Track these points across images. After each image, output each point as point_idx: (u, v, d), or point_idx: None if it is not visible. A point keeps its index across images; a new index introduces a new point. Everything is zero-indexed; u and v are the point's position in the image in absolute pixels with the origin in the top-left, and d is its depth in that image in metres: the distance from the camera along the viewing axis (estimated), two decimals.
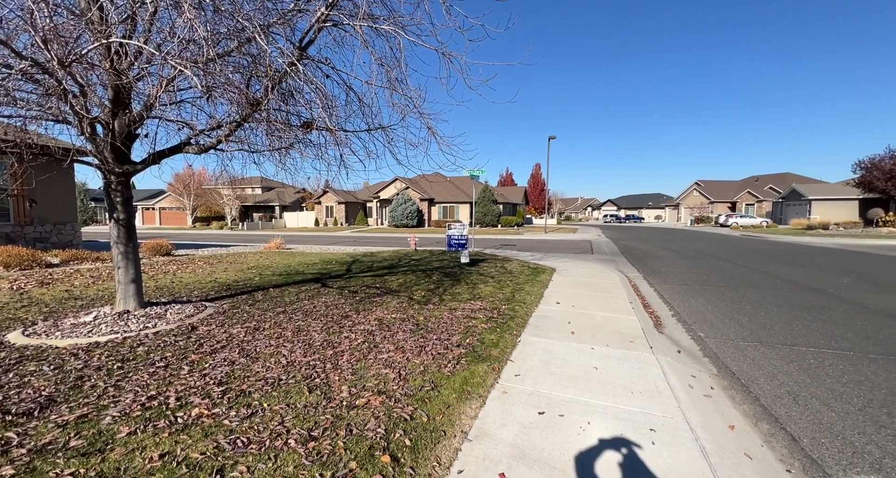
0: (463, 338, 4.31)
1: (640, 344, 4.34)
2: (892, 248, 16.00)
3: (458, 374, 3.35)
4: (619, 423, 2.69)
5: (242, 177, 5.99)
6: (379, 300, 6.08)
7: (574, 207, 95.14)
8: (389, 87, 4.89)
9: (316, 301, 5.96)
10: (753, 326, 5.28)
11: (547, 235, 26.11)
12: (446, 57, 4.54)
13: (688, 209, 56.18)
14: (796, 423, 2.88)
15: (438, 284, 7.56)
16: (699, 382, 3.56)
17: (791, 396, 3.30)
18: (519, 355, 3.96)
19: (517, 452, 2.34)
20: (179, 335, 4.20)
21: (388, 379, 3.19)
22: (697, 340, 4.82)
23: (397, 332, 4.47)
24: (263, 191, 49.63)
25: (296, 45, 3.76)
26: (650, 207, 74.88)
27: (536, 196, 63.81)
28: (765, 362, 4.06)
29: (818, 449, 2.56)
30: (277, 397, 2.83)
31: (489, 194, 36.84)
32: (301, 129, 4.60)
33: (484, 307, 5.74)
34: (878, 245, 17.34)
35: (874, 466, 2.37)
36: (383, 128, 5.58)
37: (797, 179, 45.51)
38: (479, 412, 2.78)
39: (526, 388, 3.23)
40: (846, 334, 4.86)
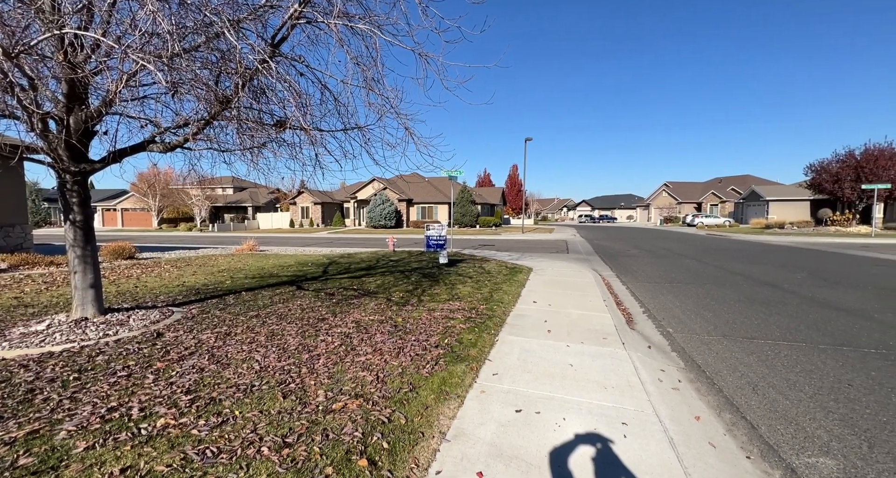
0: (441, 338, 4.31)
1: (613, 341, 4.47)
2: (839, 245, 17.22)
3: (437, 375, 3.35)
4: (593, 418, 2.77)
5: (212, 177, 5.76)
6: (356, 302, 6.00)
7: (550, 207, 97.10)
8: (366, 86, 4.83)
9: (291, 304, 5.81)
10: (717, 321, 5.56)
11: (524, 236, 26.52)
12: (423, 57, 4.54)
13: (657, 209, 58.46)
14: (755, 411, 3.05)
15: (417, 284, 7.53)
16: (668, 375, 3.71)
17: (751, 386, 3.49)
18: (497, 355, 4.00)
19: (495, 450, 2.37)
20: (144, 342, 4.00)
21: (365, 382, 3.15)
22: (666, 336, 5.02)
23: (375, 334, 4.42)
24: (235, 191, 47.96)
25: (268, 41, 3.65)
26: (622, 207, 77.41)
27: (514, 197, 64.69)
28: (727, 354, 4.28)
29: (774, 435, 2.72)
30: (250, 404, 2.74)
31: (467, 195, 37.04)
32: (274, 128, 4.48)
33: (462, 307, 5.76)
34: (827, 242, 18.63)
35: (823, 449, 2.55)
36: (360, 128, 5.51)
37: (756, 181, 48.20)
38: (457, 412, 2.79)
39: (503, 386, 3.27)
40: (799, 327, 5.19)
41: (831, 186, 29.09)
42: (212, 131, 4.31)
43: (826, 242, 18.70)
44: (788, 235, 23.77)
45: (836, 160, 29.34)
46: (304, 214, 42.60)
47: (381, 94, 4.99)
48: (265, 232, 35.25)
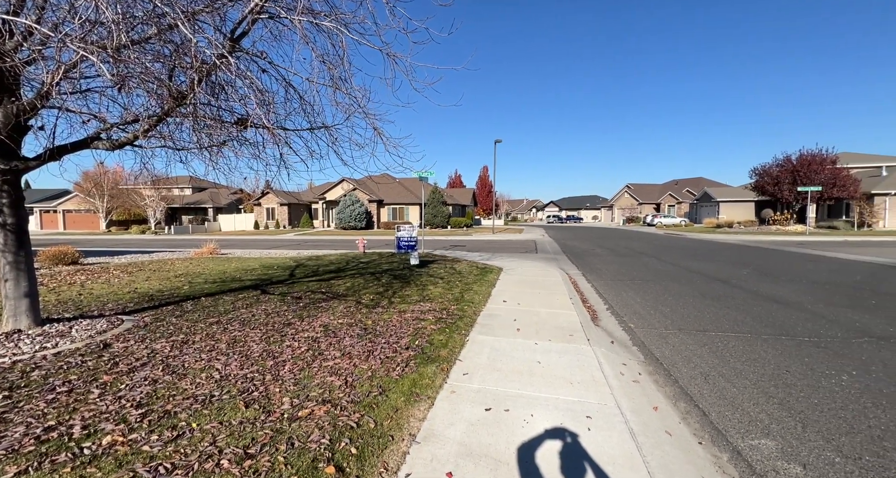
0: (412, 340, 4.29)
1: (579, 337, 4.63)
2: (779, 243, 18.75)
3: (407, 377, 3.34)
4: (559, 413, 2.85)
5: (167, 176, 5.44)
6: (325, 305, 5.85)
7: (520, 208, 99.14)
8: (332, 85, 4.74)
9: (255, 309, 5.58)
10: (674, 316, 5.89)
11: (495, 236, 26.91)
12: (391, 58, 4.51)
13: (620, 210, 61.15)
14: (707, 400, 3.26)
15: (388, 286, 7.45)
16: (629, 369, 3.89)
17: (703, 376, 3.73)
18: (467, 354, 4.04)
19: (464, 450, 2.38)
20: (88, 355, 3.70)
21: (333, 387, 3.08)
22: (628, 331, 5.26)
23: (344, 337, 4.33)
24: (194, 191, 45.45)
25: (227, 36, 3.49)
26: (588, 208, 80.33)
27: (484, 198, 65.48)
28: (683, 347, 4.54)
29: (723, 421, 2.92)
30: (209, 416, 2.60)
31: (438, 196, 37.10)
32: (235, 126, 4.29)
33: (433, 308, 5.76)
34: (769, 240, 20.23)
35: (764, 431, 2.76)
36: (327, 127, 5.39)
37: (708, 184, 51.52)
38: (427, 414, 2.79)
39: (474, 386, 3.30)
40: (745, 319, 5.60)
41: (772, 188, 31.59)
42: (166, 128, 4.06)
43: (768, 240, 20.29)
44: (736, 234, 25.59)
45: (775, 164, 31.90)
46: (269, 215, 41.04)
47: (349, 93, 4.91)
48: (227, 234, 33.65)
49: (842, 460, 2.42)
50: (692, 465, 2.40)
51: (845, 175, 28.75)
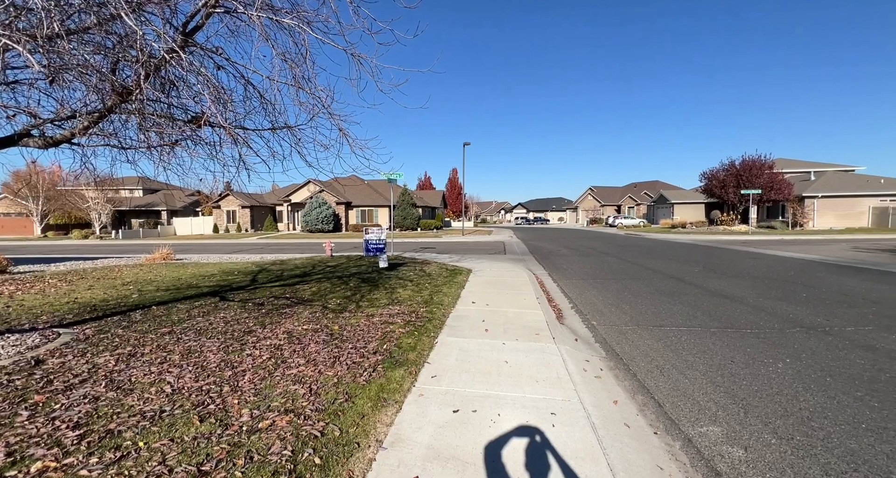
0: (380, 344, 4.24)
1: (545, 336, 4.76)
2: (725, 242, 20.21)
3: (375, 382, 3.29)
4: (525, 411, 2.91)
5: (113, 176, 5.05)
6: (289, 311, 5.65)
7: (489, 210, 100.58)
8: (295, 84, 4.60)
9: (213, 317, 5.30)
10: (633, 312, 6.19)
11: (464, 238, 27.12)
12: (356, 58, 4.45)
13: (584, 212, 63.56)
14: (662, 392, 3.45)
15: (356, 290, 7.32)
16: (591, 365, 4.04)
17: (658, 369, 3.94)
18: (436, 357, 4.04)
19: (432, 453, 2.38)
20: (17, 373, 3.36)
21: (297, 396, 2.98)
22: (591, 328, 5.47)
23: (309, 344, 4.21)
24: (146, 193, 42.54)
25: (178, 29, 3.30)
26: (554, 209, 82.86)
27: (454, 200, 65.88)
28: (641, 342, 4.79)
29: (676, 411, 3.10)
30: (158, 433, 2.43)
31: (408, 198, 36.91)
32: (188, 124, 4.05)
33: (402, 311, 5.72)
34: (717, 239, 21.78)
35: (711, 418, 2.97)
36: (289, 127, 5.23)
37: (664, 186, 54.65)
38: (394, 418, 2.76)
39: (442, 388, 3.30)
40: (696, 314, 5.99)
41: (719, 191, 34.03)
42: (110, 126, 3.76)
43: (716, 239, 21.82)
44: (689, 234, 27.32)
45: (722, 169, 34.41)
46: (230, 218, 39.13)
47: (312, 93, 4.79)
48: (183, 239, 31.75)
49: (777, 441, 2.64)
50: (648, 454, 2.53)
51: (781, 179, 31.53)
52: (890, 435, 2.66)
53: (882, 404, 3.08)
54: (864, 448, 2.53)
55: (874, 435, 2.66)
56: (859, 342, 4.51)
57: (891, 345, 4.39)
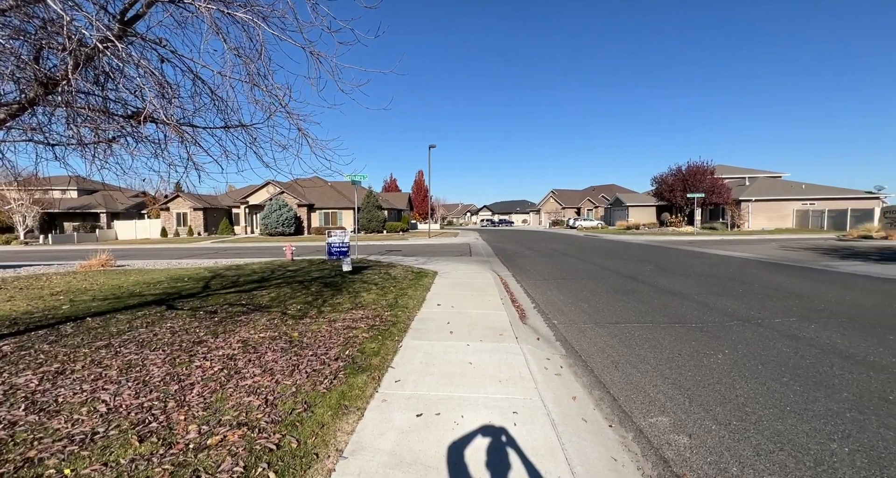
0: (342, 350, 4.13)
1: (508, 336, 4.85)
2: (674, 242, 21.68)
3: (336, 389, 3.20)
4: (488, 411, 2.95)
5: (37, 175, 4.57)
6: (245, 319, 5.37)
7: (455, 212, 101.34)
8: (250, 81, 4.41)
9: (158, 328, 4.92)
10: (591, 311, 6.46)
11: (431, 240, 27.12)
12: (315, 57, 4.33)
13: (546, 214, 65.70)
14: (616, 386, 3.62)
15: (317, 295, 7.09)
16: (552, 363, 4.17)
17: (614, 364, 4.14)
18: (400, 361, 3.99)
19: (394, 459, 2.35)
20: None
21: (251, 408, 2.83)
22: (552, 327, 5.65)
23: (266, 352, 4.02)
24: (81, 194, 38.82)
25: (115, 17, 3.04)
26: (518, 212, 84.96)
27: (420, 202, 65.76)
28: (598, 339, 5.01)
29: (629, 404, 3.27)
30: (89, 458, 2.21)
31: (373, 200, 36.37)
32: (129, 120, 3.75)
33: (366, 316, 5.62)
34: (667, 240, 23.31)
35: (661, 409, 3.16)
36: (244, 126, 5.01)
37: (620, 190, 57.72)
38: (356, 426, 2.69)
39: (406, 392, 3.27)
40: (647, 310, 6.36)
41: (668, 194, 36.47)
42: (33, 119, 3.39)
43: (666, 240, 23.34)
44: (642, 235, 29.01)
45: (670, 174, 36.92)
46: (180, 221, 36.62)
47: (269, 90, 4.61)
48: (126, 243, 29.33)
49: (717, 426, 2.86)
50: (603, 447, 2.65)
51: (721, 184, 34.33)
52: (809, 416, 2.96)
53: (803, 387, 3.43)
54: (788, 429, 2.79)
55: (797, 416, 2.95)
56: (785, 332, 4.99)
57: (810, 334, 4.90)
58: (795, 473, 2.34)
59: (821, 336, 4.80)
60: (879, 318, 5.59)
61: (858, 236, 21.17)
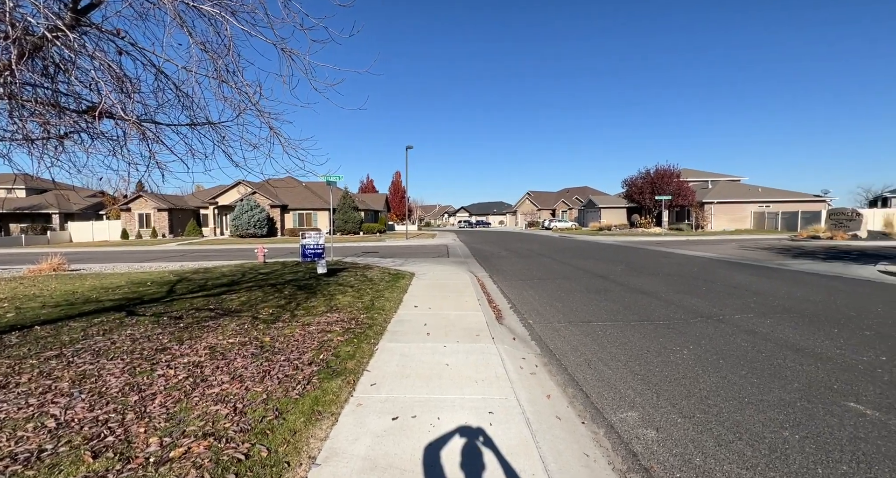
0: (316, 354, 4.03)
1: (485, 336, 4.88)
2: (643, 242, 22.54)
3: (309, 395, 3.12)
4: (464, 412, 2.96)
5: None
6: (213, 324, 5.15)
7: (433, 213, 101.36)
8: (217, 77, 4.26)
9: (117, 335, 4.64)
10: (565, 310, 6.61)
11: (408, 241, 26.98)
12: (287, 54, 4.23)
13: (523, 215, 66.81)
14: (589, 383, 3.72)
15: (291, 298, 6.90)
16: (527, 362, 4.23)
17: (587, 362, 4.25)
18: (376, 364, 3.94)
19: (369, 464, 2.31)
20: None
21: (219, 417, 2.71)
22: (528, 327, 5.73)
23: (235, 358, 3.87)
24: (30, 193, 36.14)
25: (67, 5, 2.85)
26: (495, 213, 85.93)
27: (398, 203, 65.36)
28: (572, 338, 5.12)
29: (601, 400, 3.36)
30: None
31: (350, 201, 35.82)
32: (83, 115, 3.52)
33: (341, 319, 5.52)
34: (637, 240, 24.20)
35: (630, 404, 3.27)
36: (212, 123, 4.82)
37: (593, 192, 59.45)
38: (330, 432, 2.64)
39: (381, 396, 3.23)
40: (619, 309, 6.57)
41: (638, 196, 37.94)
42: None
43: (636, 240, 24.23)
44: (614, 236, 29.99)
45: (640, 177, 38.42)
46: (143, 222, 34.79)
47: (238, 88, 4.46)
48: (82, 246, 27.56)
49: (682, 419, 2.99)
50: (576, 443, 2.71)
51: (686, 187, 36.02)
52: (764, 406, 3.14)
53: (759, 379, 3.64)
54: (746, 419, 2.96)
55: (754, 407, 3.13)
56: (744, 328, 5.28)
57: (766, 329, 5.21)
58: (752, 460, 2.48)
59: (775, 331, 5.11)
60: (825, 312, 6.02)
61: (808, 237, 22.72)
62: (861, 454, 2.50)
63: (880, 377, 3.61)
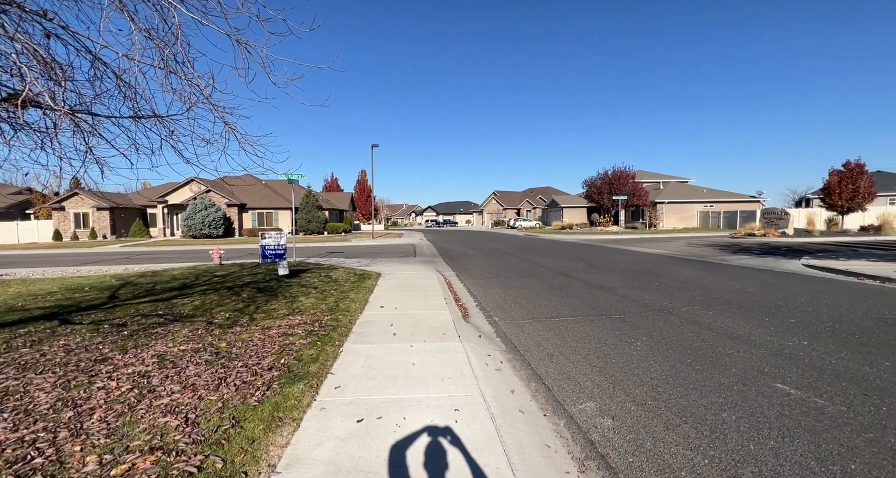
0: (277, 359, 3.89)
1: (451, 335, 4.92)
2: (602, 240, 23.65)
3: (269, 401, 3.00)
4: (430, 411, 2.97)
5: None
6: (162, 331, 4.82)
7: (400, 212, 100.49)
8: (164, 67, 3.99)
9: (48, 346, 4.22)
10: (529, 307, 6.80)
11: (374, 241, 26.58)
12: (242, 46, 4.04)
13: (489, 214, 67.87)
14: (551, 377, 3.86)
15: (250, 301, 6.59)
16: (493, 359, 4.32)
17: (549, 357, 4.40)
18: (340, 366, 3.87)
19: (332, 469, 2.26)
20: None
21: (168, 429, 2.55)
22: (493, 324, 5.84)
23: (187, 366, 3.64)
24: None
25: None
26: (462, 212, 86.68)
27: (364, 202, 64.17)
28: (535, 333, 5.28)
29: (561, 392, 3.50)
30: None
31: (313, 200, 34.70)
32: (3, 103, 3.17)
33: (304, 321, 5.35)
34: (596, 239, 25.35)
35: (589, 395, 3.43)
36: (159, 117, 4.52)
37: (555, 192, 61.50)
38: (291, 438, 2.55)
39: (346, 398, 3.18)
40: (579, 304, 6.86)
41: (597, 196, 39.70)
42: None
43: (595, 239, 25.37)
44: (575, 234, 31.22)
45: (599, 178, 40.22)
46: (80, 222, 31.80)
47: (188, 79, 4.21)
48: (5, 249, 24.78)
49: (636, 407, 3.17)
50: (538, 435, 2.80)
51: (640, 188, 38.17)
52: (707, 391, 3.41)
53: (703, 366, 3.94)
54: (691, 404, 3.19)
55: (698, 392, 3.39)
56: (690, 319, 5.69)
57: (709, 320, 5.65)
58: (695, 441, 2.68)
59: (717, 321, 5.55)
60: (759, 303, 6.62)
61: (745, 234, 24.84)
62: (785, 430, 2.78)
63: (802, 360, 4.03)
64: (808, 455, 2.49)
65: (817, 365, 3.89)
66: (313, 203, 34.50)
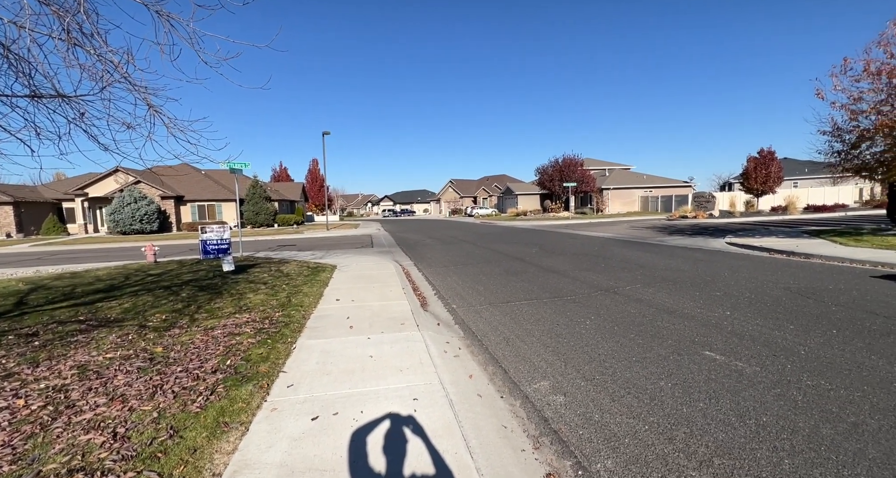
0: (222, 361, 3.63)
1: (410, 324, 4.89)
2: (554, 226, 24.68)
3: (213, 406, 2.80)
4: (389, 402, 2.94)
5: None
6: (83, 338, 4.31)
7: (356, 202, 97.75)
8: (67, 39, 3.48)
9: None
10: (486, 293, 6.94)
11: (329, 232, 25.67)
12: (164, 18, 3.62)
13: (446, 203, 68.08)
14: (508, 360, 3.97)
15: (190, 301, 6.09)
16: (451, 346, 4.36)
17: (505, 340, 4.53)
18: (293, 363, 3.70)
19: (285, 471, 2.17)
20: None
21: (92, 447, 2.29)
22: (451, 312, 5.89)
23: (115, 375, 3.30)
24: None
25: None
26: (419, 201, 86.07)
27: (316, 193, 61.55)
28: (492, 318, 5.41)
29: (517, 374, 3.62)
30: None
31: (260, 191, 32.65)
32: None
33: (253, 319, 5.05)
34: (548, 224, 26.41)
35: (542, 375, 3.58)
36: (64, 96, 3.96)
37: (510, 180, 62.95)
38: (239, 444, 2.41)
39: (300, 397, 3.05)
40: (533, 288, 7.12)
41: (549, 183, 41.23)
42: None
43: (548, 224, 26.42)
44: (529, 221, 32.28)
45: (550, 165, 41.71)
46: None
47: (99, 53, 3.71)
48: None
49: (585, 383, 3.37)
50: (495, 418, 2.88)
51: (588, 175, 40.17)
52: (647, 362, 3.70)
53: (644, 340, 4.27)
54: (634, 376, 3.44)
55: (639, 364, 3.66)
56: (633, 297, 6.13)
57: (649, 297, 6.11)
58: (637, 409, 2.90)
59: (656, 298, 6.02)
60: (691, 279, 7.27)
61: (679, 216, 27.14)
62: (712, 392, 3.09)
63: (726, 328, 4.50)
64: (729, 413, 2.79)
65: (738, 332, 4.36)
66: (261, 194, 32.47)
